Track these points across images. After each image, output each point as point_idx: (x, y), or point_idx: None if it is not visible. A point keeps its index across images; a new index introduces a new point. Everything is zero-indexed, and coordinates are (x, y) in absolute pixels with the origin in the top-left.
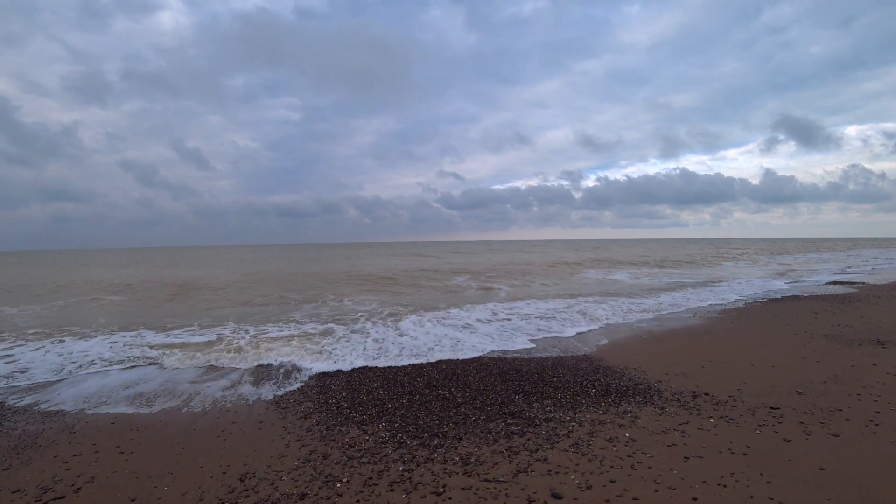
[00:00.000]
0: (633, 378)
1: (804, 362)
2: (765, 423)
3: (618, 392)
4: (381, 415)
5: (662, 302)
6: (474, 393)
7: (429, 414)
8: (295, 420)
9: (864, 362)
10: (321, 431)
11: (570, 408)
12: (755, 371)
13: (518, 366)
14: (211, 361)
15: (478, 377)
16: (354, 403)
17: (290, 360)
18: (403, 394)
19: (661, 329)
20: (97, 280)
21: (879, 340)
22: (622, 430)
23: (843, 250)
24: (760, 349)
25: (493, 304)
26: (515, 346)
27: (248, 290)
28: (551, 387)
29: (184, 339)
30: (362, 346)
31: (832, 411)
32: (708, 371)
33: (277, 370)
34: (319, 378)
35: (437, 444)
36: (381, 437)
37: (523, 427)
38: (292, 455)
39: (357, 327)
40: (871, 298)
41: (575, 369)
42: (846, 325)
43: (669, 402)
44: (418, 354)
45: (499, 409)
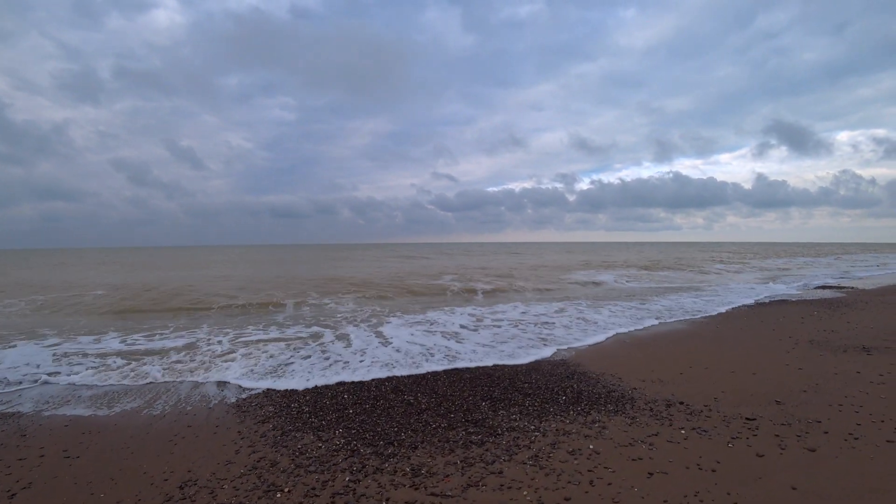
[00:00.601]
0: (607, 385)
1: (786, 369)
2: (739, 435)
3: (589, 400)
4: (340, 420)
5: (654, 306)
6: (440, 398)
7: (389, 420)
8: (252, 425)
9: (848, 370)
10: (275, 437)
11: (536, 416)
12: (735, 378)
13: (491, 370)
14: (177, 365)
15: (447, 382)
16: (316, 408)
17: (249, 369)
18: (368, 398)
19: (642, 333)
20: (81, 280)
21: (865, 347)
22: (587, 442)
23: (834, 255)
24: (743, 355)
25: (480, 308)
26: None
27: (230, 291)
28: (521, 393)
29: (158, 343)
30: (339, 361)
31: (810, 423)
32: (686, 378)
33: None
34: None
35: (391, 452)
36: (336, 444)
37: (484, 436)
38: (240, 462)
39: (336, 334)
40: (859, 304)
41: (549, 375)
42: (832, 331)
43: (641, 412)
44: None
45: (462, 417)
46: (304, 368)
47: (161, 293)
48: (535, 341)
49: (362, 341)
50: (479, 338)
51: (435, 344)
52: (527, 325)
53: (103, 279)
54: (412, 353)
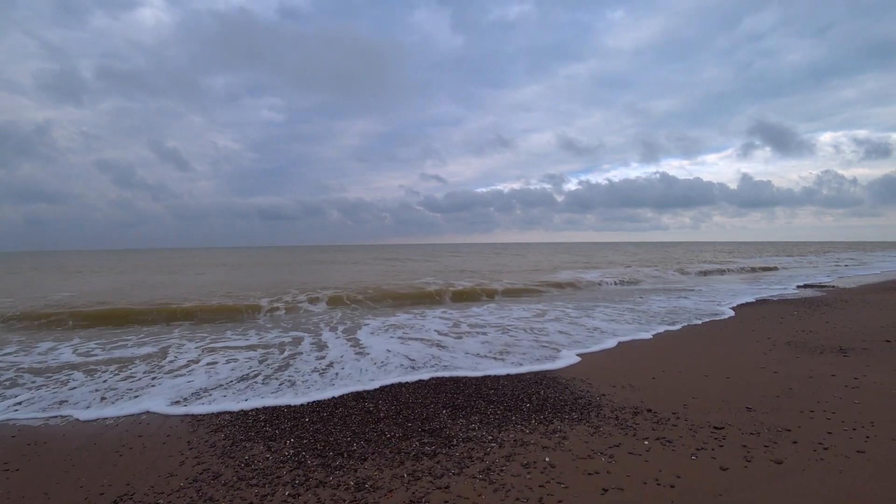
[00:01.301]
0: (576, 391)
1: (761, 373)
2: (704, 446)
3: (554, 407)
4: (294, 429)
5: (635, 307)
6: (401, 406)
7: (345, 429)
8: (204, 434)
9: (824, 373)
10: (225, 447)
11: (496, 425)
12: (708, 383)
13: (462, 380)
14: (146, 370)
15: (411, 388)
16: (271, 416)
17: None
18: (327, 405)
19: (620, 336)
20: (55, 284)
21: (842, 348)
22: (544, 454)
23: (817, 253)
24: (719, 358)
25: (463, 311)
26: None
27: (203, 295)
28: (485, 400)
29: (125, 352)
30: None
31: (780, 432)
32: (658, 383)
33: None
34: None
35: (339, 464)
36: (284, 454)
37: (438, 447)
38: (182, 474)
39: (310, 342)
40: (839, 303)
41: (516, 380)
42: (810, 332)
43: (606, 420)
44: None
45: (419, 426)
46: (268, 388)
47: (118, 297)
48: (536, 348)
49: (338, 351)
50: (467, 346)
51: (421, 354)
52: (517, 330)
53: (72, 285)
54: (390, 365)
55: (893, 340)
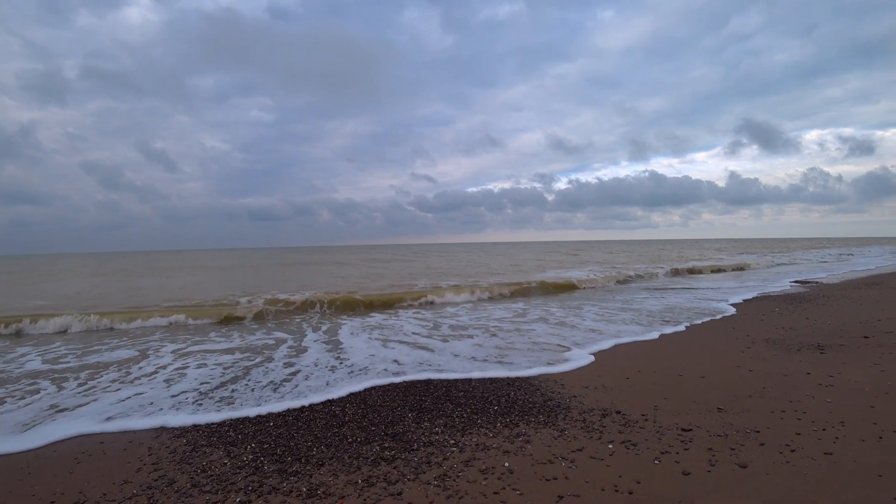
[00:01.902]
0: (546, 392)
1: (736, 372)
2: (669, 449)
3: (522, 409)
4: (257, 433)
5: (619, 307)
6: (368, 408)
7: (307, 433)
8: (167, 439)
9: (799, 371)
10: (185, 453)
11: (460, 429)
12: (681, 383)
13: (435, 383)
14: (125, 370)
15: (381, 390)
16: (238, 420)
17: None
18: (293, 408)
19: (602, 335)
20: (33, 289)
21: (819, 345)
22: (505, 459)
23: (802, 250)
24: (695, 357)
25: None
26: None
27: (180, 298)
28: (453, 403)
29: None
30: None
31: (748, 433)
32: (632, 384)
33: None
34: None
35: (296, 470)
36: (243, 460)
37: (398, 451)
38: (138, 481)
39: (288, 347)
40: (821, 298)
41: (489, 382)
42: (790, 328)
43: (573, 423)
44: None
45: (382, 430)
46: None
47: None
48: (534, 350)
49: (315, 358)
50: (457, 350)
51: (411, 359)
52: (504, 332)
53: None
54: (372, 370)
55: (871, 336)
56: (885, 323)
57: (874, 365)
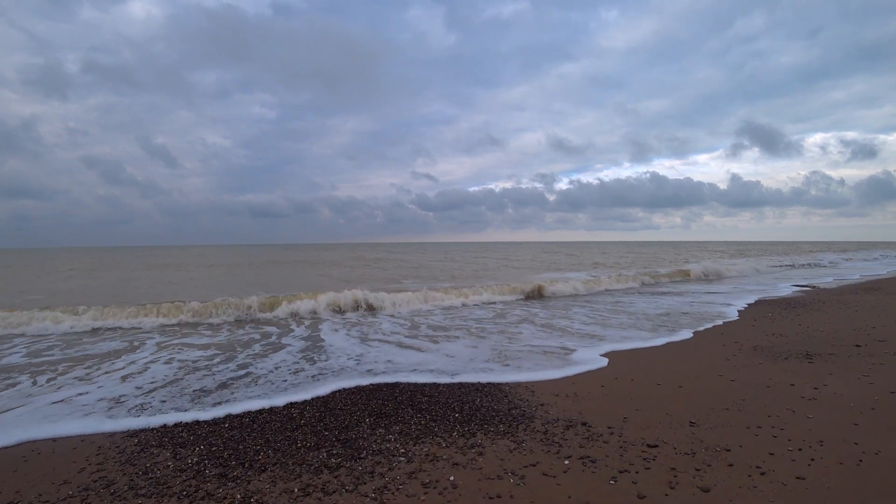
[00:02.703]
0: (514, 399)
1: (718, 381)
2: (629, 468)
3: (483, 417)
4: (209, 435)
5: (609, 309)
6: (327, 412)
7: (259, 436)
8: (120, 438)
9: (783, 382)
10: (133, 453)
11: (414, 437)
12: (657, 393)
13: (401, 387)
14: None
15: (347, 392)
16: (193, 422)
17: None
18: (251, 410)
19: (587, 340)
20: (28, 283)
21: (808, 353)
22: (452, 472)
23: (802, 254)
24: (676, 364)
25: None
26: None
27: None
28: (414, 408)
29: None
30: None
31: (717, 452)
32: (606, 392)
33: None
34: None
35: (236, 475)
36: (188, 462)
37: (344, 459)
38: (77, 482)
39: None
40: (816, 303)
41: (457, 387)
42: (780, 335)
43: (534, 434)
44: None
45: (335, 435)
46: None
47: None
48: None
49: (286, 357)
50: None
51: (404, 360)
52: (490, 334)
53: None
54: (349, 371)
55: (863, 345)
56: (879, 331)
57: (863, 377)
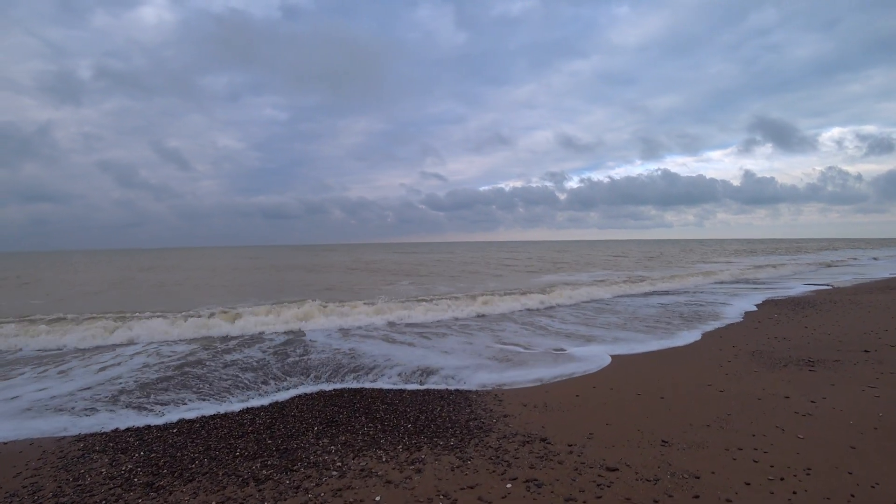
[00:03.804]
0: (477, 409)
1: (705, 392)
2: (578, 495)
3: (438, 429)
4: (154, 440)
5: (604, 312)
6: (279, 418)
7: (201, 443)
8: (68, 442)
9: (777, 393)
10: (73, 458)
11: (357, 448)
12: (635, 404)
13: (364, 393)
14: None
15: (308, 399)
16: (144, 427)
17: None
18: (206, 415)
19: (573, 345)
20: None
21: (810, 360)
22: (380, 491)
23: (817, 252)
24: (664, 370)
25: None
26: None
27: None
28: (368, 416)
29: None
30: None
31: (685, 479)
32: (579, 402)
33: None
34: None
35: (162, 485)
36: (121, 469)
37: (276, 471)
38: (8, 487)
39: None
40: (827, 304)
41: (422, 394)
42: (783, 338)
43: (484, 451)
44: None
45: (278, 443)
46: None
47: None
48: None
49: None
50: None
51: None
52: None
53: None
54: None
55: (872, 350)
56: (892, 334)
57: (868, 388)
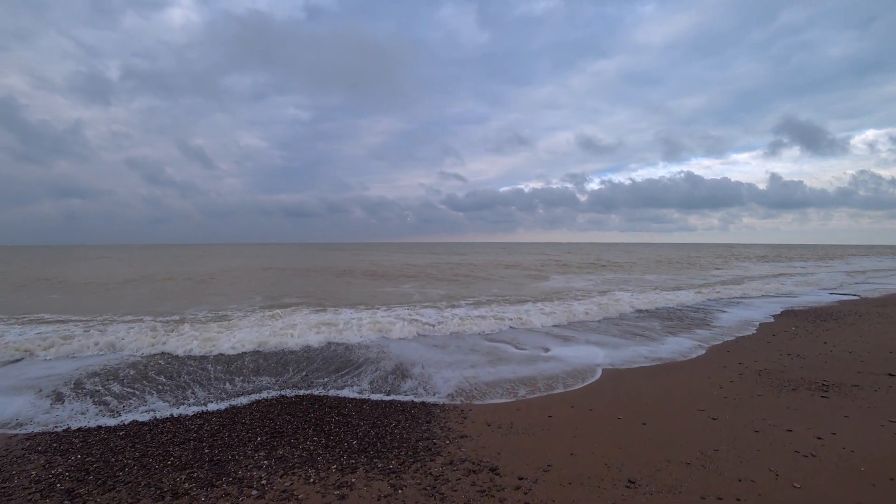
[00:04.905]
0: (434, 427)
1: (693, 420)
2: None
3: (383, 447)
4: (98, 442)
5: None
6: (226, 425)
7: (139, 449)
8: (17, 441)
9: (779, 424)
10: (14, 457)
11: (289, 465)
12: (612, 430)
13: (325, 401)
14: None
15: (265, 405)
16: (99, 426)
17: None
18: (162, 416)
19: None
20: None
21: (824, 384)
22: None
23: (845, 258)
24: (658, 390)
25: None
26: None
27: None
28: (317, 429)
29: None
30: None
31: None
32: (550, 423)
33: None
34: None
35: (81, 493)
36: (51, 473)
37: (197, 486)
38: None
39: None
40: (851, 316)
41: (383, 405)
42: (797, 355)
43: (422, 479)
44: None
45: (213, 454)
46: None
47: None
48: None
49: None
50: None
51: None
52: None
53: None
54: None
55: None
56: None
57: (889, 423)
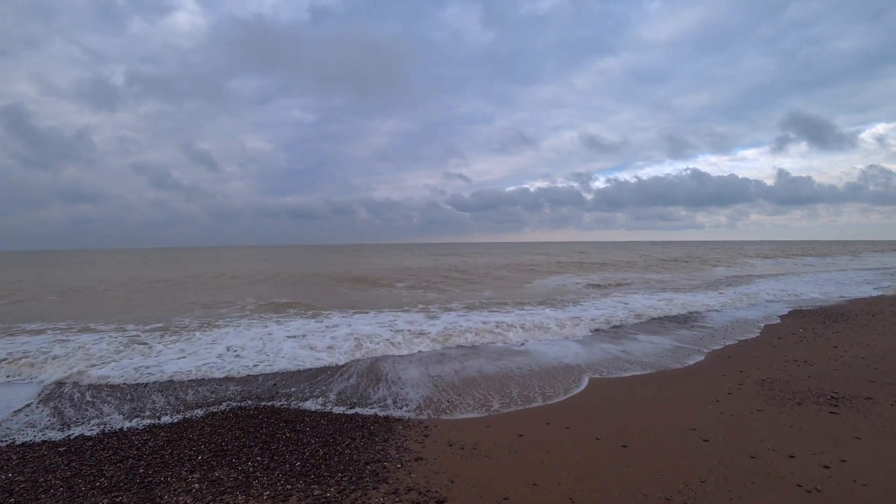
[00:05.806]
0: (390, 448)
1: (684, 441)
2: None
3: (327, 471)
4: (34, 459)
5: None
6: (176, 441)
7: (73, 468)
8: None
9: (780, 448)
10: None
11: (222, 489)
12: (586, 456)
13: (283, 415)
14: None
15: (219, 418)
16: (45, 440)
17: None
18: (112, 429)
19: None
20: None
21: (833, 396)
22: None
23: (856, 254)
24: (646, 405)
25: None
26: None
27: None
28: (263, 447)
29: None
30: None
31: None
32: (520, 445)
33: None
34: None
35: None
36: None
37: None
38: None
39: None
40: (864, 316)
41: (342, 420)
42: (804, 362)
43: None
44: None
45: (146, 475)
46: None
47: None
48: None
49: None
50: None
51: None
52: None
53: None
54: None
55: None
56: None
57: None
